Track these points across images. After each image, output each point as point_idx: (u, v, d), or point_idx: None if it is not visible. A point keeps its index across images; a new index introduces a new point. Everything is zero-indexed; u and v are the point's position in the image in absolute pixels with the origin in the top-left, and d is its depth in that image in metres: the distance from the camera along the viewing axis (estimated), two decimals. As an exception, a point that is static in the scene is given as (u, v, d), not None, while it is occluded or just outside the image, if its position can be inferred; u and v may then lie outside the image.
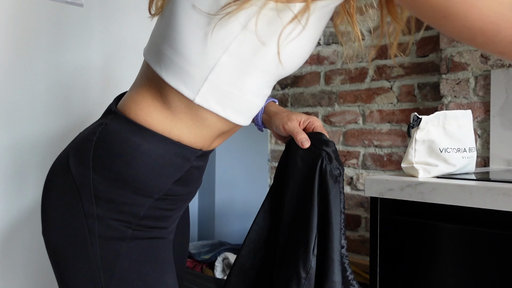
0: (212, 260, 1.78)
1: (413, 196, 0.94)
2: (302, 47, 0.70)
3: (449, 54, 1.55)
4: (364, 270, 1.83)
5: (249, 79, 0.69)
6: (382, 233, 1.00)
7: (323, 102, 2.10)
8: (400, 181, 0.96)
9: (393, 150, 1.86)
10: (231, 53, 0.66)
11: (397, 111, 1.85)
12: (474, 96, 1.50)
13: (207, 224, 2.16)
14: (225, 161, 2.16)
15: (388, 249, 0.99)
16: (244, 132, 2.24)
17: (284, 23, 0.64)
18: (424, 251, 0.94)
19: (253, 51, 0.66)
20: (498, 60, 1.45)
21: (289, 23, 0.64)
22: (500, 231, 0.84)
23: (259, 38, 0.64)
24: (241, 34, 0.64)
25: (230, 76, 0.68)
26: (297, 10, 0.63)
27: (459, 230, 0.89)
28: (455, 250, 0.90)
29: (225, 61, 0.66)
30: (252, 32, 0.64)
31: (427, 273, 0.94)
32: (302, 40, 0.68)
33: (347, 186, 1.99)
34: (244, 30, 0.64)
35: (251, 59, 0.67)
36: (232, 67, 0.67)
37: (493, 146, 1.43)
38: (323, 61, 2.10)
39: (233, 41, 0.65)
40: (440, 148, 0.99)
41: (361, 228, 1.95)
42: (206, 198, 2.17)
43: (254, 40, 0.65)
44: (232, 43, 0.65)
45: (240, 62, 0.67)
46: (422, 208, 0.94)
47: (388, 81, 1.88)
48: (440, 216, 0.92)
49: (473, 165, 1.07)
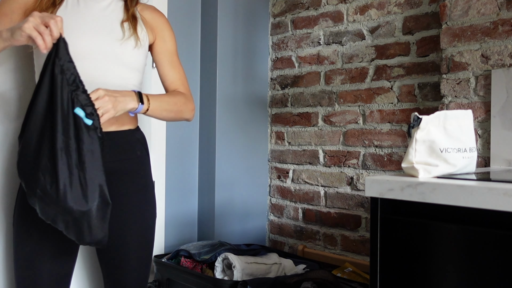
0: (212, 260, 1.77)
1: (413, 196, 0.93)
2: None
3: (450, 54, 1.55)
4: (364, 270, 1.83)
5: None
6: (382, 233, 1.00)
7: (323, 102, 2.10)
8: (401, 181, 0.95)
9: (393, 150, 1.85)
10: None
11: (397, 111, 1.85)
12: (474, 96, 1.50)
13: (207, 224, 2.16)
14: (225, 161, 2.16)
15: (388, 249, 0.99)
16: (244, 132, 2.24)
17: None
18: (424, 251, 0.94)
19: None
20: (498, 60, 1.45)
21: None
22: (500, 231, 0.84)
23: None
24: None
25: None
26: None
27: (459, 230, 0.89)
28: (455, 250, 0.90)
29: None
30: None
31: (427, 273, 0.94)
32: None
33: (347, 186, 1.99)
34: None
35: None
36: None
37: (493, 146, 1.43)
38: (323, 61, 2.10)
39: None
40: (440, 148, 0.99)
41: (361, 228, 1.95)
42: (206, 198, 2.17)
43: None
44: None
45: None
46: (423, 208, 0.94)
47: (389, 81, 1.88)
48: (441, 216, 0.92)
49: (474, 165, 1.06)
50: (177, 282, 1.77)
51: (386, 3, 1.88)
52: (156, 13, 1.43)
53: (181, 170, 2.14)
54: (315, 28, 2.14)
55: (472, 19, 1.49)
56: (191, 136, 2.18)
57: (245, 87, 2.24)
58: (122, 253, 1.31)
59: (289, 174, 2.23)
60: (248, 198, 2.25)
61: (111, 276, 1.34)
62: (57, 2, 1.25)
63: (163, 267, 1.83)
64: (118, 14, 1.31)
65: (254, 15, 2.27)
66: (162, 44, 1.41)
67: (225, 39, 2.16)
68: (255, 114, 2.29)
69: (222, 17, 2.15)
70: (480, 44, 1.48)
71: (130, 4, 1.33)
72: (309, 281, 1.55)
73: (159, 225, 2.03)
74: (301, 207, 2.17)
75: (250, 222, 2.25)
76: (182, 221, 2.14)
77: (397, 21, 1.85)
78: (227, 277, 1.72)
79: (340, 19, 2.04)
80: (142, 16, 1.38)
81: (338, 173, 2.03)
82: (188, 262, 1.82)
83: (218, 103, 2.13)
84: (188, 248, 1.87)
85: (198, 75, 2.22)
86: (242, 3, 2.22)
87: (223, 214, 2.15)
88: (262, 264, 1.78)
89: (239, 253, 1.79)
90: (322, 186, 2.09)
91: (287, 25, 2.26)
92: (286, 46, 2.26)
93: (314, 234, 2.11)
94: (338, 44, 2.04)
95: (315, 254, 2.05)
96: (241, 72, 2.22)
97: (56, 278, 1.23)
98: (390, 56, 1.87)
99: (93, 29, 1.25)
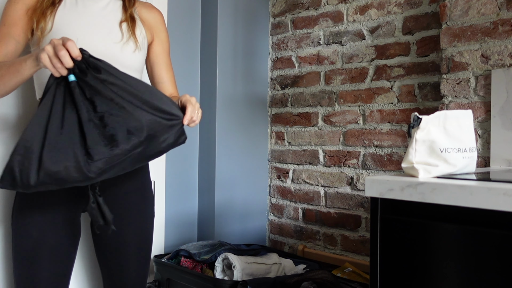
0: (212, 260, 1.77)
1: (413, 196, 0.93)
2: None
3: (450, 54, 1.55)
4: (364, 270, 1.83)
5: None
6: (382, 233, 1.00)
7: (323, 102, 2.10)
8: (401, 181, 0.95)
9: (393, 150, 1.85)
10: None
11: (397, 111, 1.85)
12: (474, 96, 1.50)
13: (207, 224, 2.16)
14: (225, 161, 2.16)
15: (388, 249, 0.99)
16: (244, 132, 2.24)
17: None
18: (424, 251, 0.94)
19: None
20: (498, 59, 1.45)
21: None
22: (500, 231, 0.84)
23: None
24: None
25: None
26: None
27: (459, 230, 0.89)
28: (455, 250, 0.90)
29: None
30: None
31: (427, 273, 0.94)
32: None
33: (347, 186, 1.99)
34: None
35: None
36: None
37: (493, 146, 1.43)
38: (323, 61, 2.10)
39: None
40: (440, 148, 0.99)
41: (361, 228, 1.95)
42: (206, 198, 2.17)
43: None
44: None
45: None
46: (423, 208, 0.94)
47: (389, 81, 1.88)
48: (441, 216, 0.92)
49: (474, 165, 1.06)
50: (177, 282, 1.77)
51: (386, 3, 1.88)
52: (154, 11, 1.43)
53: (181, 170, 2.14)
54: (315, 28, 2.14)
55: (472, 19, 1.49)
56: (191, 136, 2.18)
57: (245, 87, 2.24)
58: (121, 252, 1.31)
59: (289, 174, 2.23)
60: (248, 198, 2.25)
61: (110, 275, 1.34)
62: (56, 1, 1.25)
63: (163, 267, 1.83)
64: (116, 14, 1.31)
65: (254, 15, 2.27)
66: (159, 45, 1.41)
67: (225, 39, 2.16)
68: (255, 114, 2.29)
69: (222, 17, 2.15)
70: (480, 44, 1.48)
71: (128, 5, 1.33)
72: (309, 281, 1.55)
73: (159, 225, 2.03)
74: (301, 207, 2.17)
75: (250, 222, 2.25)
76: (182, 221, 2.14)
77: (397, 21, 1.85)
78: (227, 277, 1.72)
79: (340, 19, 2.04)
80: (140, 15, 1.38)
81: (338, 173, 2.03)
82: (188, 262, 1.82)
83: (218, 103, 2.13)
84: (188, 248, 1.87)
85: (198, 75, 2.22)
86: (242, 3, 2.22)
87: (223, 214, 2.15)
88: (262, 264, 1.78)
89: (239, 253, 1.79)
90: (322, 186, 2.09)
91: (287, 25, 2.26)
92: (286, 46, 2.26)
93: (314, 234, 2.11)
94: (338, 44, 2.04)
95: (315, 254, 2.05)
96: (241, 72, 2.23)
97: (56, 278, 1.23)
98: (390, 56, 1.87)
99: (92, 29, 1.25)
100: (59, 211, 1.23)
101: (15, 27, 1.22)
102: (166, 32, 1.44)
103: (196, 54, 2.21)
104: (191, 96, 1.20)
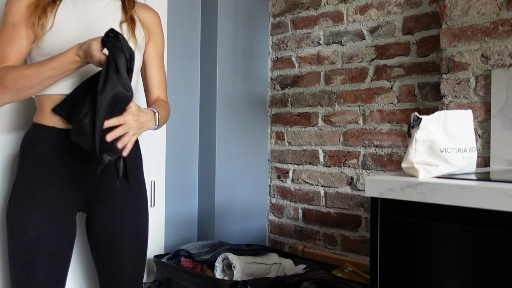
0: (212, 260, 1.77)
1: (413, 196, 0.93)
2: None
3: (450, 54, 1.55)
4: (364, 270, 1.83)
5: None
6: (382, 233, 1.00)
7: (323, 102, 2.10)
8: (401, 181, 0.95)
9: (393, 150, 1.85)
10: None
11: (397, 111, 1.85)
12: (474, 96, 1.50)
13: (207, 224, 2.16)
14: (225, 161, 2.16)
15: (388, 249, 0.99)
16: (244, 132, 2.24)
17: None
18: (424, 251, 0.94)
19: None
20: (498, 59, 1.45)
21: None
22: (500, 231, 0.84)
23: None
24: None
25: None
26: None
27: (459, 230, 0.89)
28: (455, 250, 0.90)
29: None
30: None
31: (427, 273, 0.94)
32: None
33: (347, 186, 1.99)
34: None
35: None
36: None
37: (493, 146, 1.43)
38: (323, 61, 2.10)
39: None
40: (440, 148, 0.99)
41: (361, 228, 1.95)
42: (206, 198, 2.17)
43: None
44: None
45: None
46: (423, 208, 0.94)
47: (389, 81, 1.88)
48: (441, 216, 0.92)
49: (474, 165, 1.06)
50: (177, 282, 1.77)
51: (386, 3, 1.88)
52: (151, 13, 1.43)
53: (181, 170, 2.14)
54: (315, 28, 2.14)
55: (472, 19, 1.49)
56: (191, 136, 2.18)
57: (245, 87, 2.24)
58: (117, 251, 1.31)
59: (289, 174, 2.23)
60: (248, 198, 2.25)
61: (106, 274, 1.34)
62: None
63: (163, 267, 1.83)
64: (116, 15, 1.31)
65: (254, 15, 2.27)
66: (154, 46, 1.42)
67: (225, 39, 2.16)
68: (255, 114, 2.29)
69: (222, 17, 2.15)
70: (480, 44, 1.48)
71: (128, 6, 1.33)
72: (309, 281, 1.55)
73: (159, 225, 2.03)
74: (301, 207, 2.17)
75: (250, 222, 2.25)
76: (182, 221, 2.14)
77: (397, 21, 1.85)
78: (227, 277, 1.72)
79: (340, 19, 2.04)
80: (138, 16, 1.38)
81: (338, 173, 2.03)
82: (188, 262, 1.82)
83: (218, 103, 2.13)
84: (188, 248, 1.87)
85: (198, 75, 2.22)
86: (242, 3, 2.22)
87: (223, 214, 2.15)
88: (262, 264, 1.78)
89: (239, 253, 1.79)
90: (322, 186, 2.09)
91: (287, 25, 2.26)
92: (286, 46, 2.26)
93: (314, 234, 2.11)
94: (338, 44, 2.04)
95: (315, 254, 2.05)
96: (241, 72, 2.23)
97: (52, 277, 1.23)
98: (390, 56, 1.87)
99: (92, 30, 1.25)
100: (55, 210, 1.23)
101: (22, 26, 1.22)
102: (162, 34, 1.45)
103: (196, 54, 2.21)
104: (137, 110, 1.17)
